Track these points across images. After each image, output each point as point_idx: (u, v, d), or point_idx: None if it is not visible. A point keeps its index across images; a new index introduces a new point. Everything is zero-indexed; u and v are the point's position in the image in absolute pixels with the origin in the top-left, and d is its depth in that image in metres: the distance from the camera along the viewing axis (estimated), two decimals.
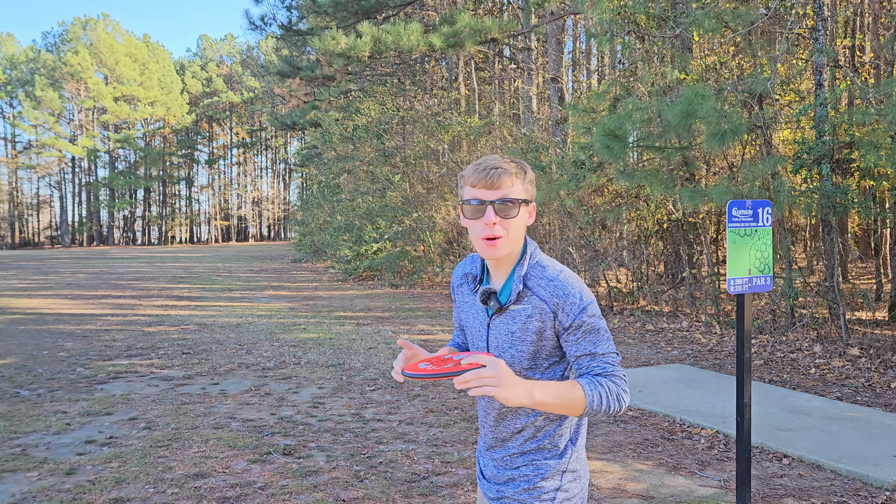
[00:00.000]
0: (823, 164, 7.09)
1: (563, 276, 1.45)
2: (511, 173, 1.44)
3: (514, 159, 1.49)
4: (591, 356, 1.42)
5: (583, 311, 1.41)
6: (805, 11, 7.89)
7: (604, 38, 8.98)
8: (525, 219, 1.49)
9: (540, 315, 1.43)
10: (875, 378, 5.96)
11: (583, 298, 1.42)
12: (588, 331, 1.41)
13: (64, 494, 3.63)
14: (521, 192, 1.46)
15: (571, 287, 1.42)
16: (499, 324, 1.51)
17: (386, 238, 16.26)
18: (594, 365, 1.41)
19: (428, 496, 3.60)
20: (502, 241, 1.44)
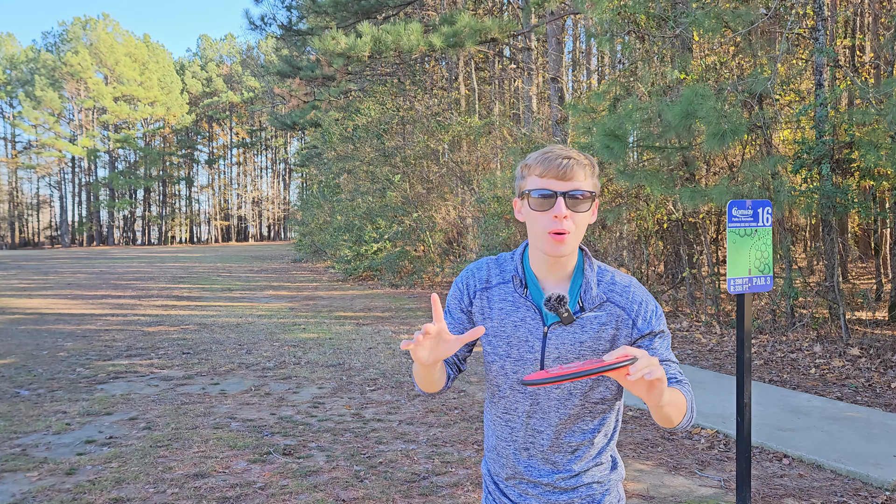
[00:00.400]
0: (823, 164, 7.09)
1: (634, 282, 1.41)
2: (583, 165, 1.35)
3: (581, 153, 1.40)
4: (667, 363, 1.37)
5: (659, 317, 1.39)
6: (805, 11, 7.89)
7: (604, 37, 8.98)
8: (591, 216, 1.39)
9: (616, 323, 1.36)
10: (875, 378, 5.96)
11: (657, 305, 1.41)
12: (663, 337, 1.38)
13: (64, 494, 3.63)
14: (591, 185, 1.36)
15: (646, 294, 1.41)
16: (561, 333, 1.37)
17: (386, 238, 16.26)
18: (668, 371, 1.36)
19: (428, 496, 3.60)
20: (570, 236, 1.33)
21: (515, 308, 1.41)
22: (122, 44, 54.78)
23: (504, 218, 12.26)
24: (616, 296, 1.38)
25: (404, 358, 7.37)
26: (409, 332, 9.18)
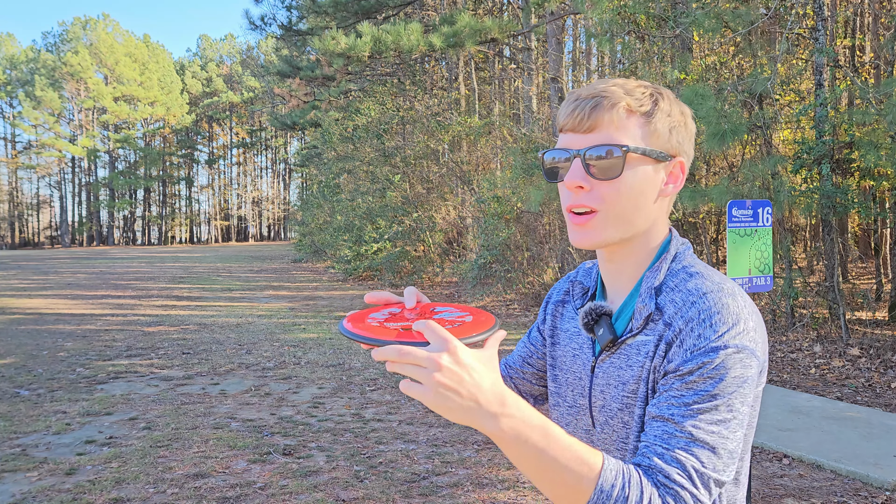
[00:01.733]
0: (823, 164, 7.09)
1: (718, 295, 0.83)
2: (616, 104, 0.87)
3: (646, 83, 0.92)
4: (667, 422, 0.80)
5: (713, 351, 0.80)
6: (805, 11, 7.90)
7: (604, 38, 8.98)
8: (650, 185, 0.89)
9: (655, 345, 0.86)
10: (875, 378, 5.96)
11: (728, 335, 0.80)
12: (697, 383, 0.80)
13: (64, 494, 3.63)
14: (635, 136, 0.88)
15: (722, 312, 0.82)
16: (608, 368, 0.92)
17: (386, 238, 16.26)
18: (659, 440, 0.79)
19: (428, 496, 3.60)
20: (597, 218, 0.89)
21: (577, 331, 1.00)
22: (122, 44, 54.78)
23: (504, 218, 12.26)
24: (670, 304, 0.87)
25: None
26: None
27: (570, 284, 1.07)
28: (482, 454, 4.26)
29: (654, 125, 0.89)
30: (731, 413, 0.79)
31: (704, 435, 0.78)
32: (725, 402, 0.79)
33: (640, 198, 0.89)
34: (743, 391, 0.80)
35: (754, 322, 0.83)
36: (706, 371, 0.80)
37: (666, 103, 0.91)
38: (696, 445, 0.78)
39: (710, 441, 0.78)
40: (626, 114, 0.88)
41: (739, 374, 0.80)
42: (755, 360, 0.82)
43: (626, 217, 0.89)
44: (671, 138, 0.91)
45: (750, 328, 0.82)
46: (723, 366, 0.79)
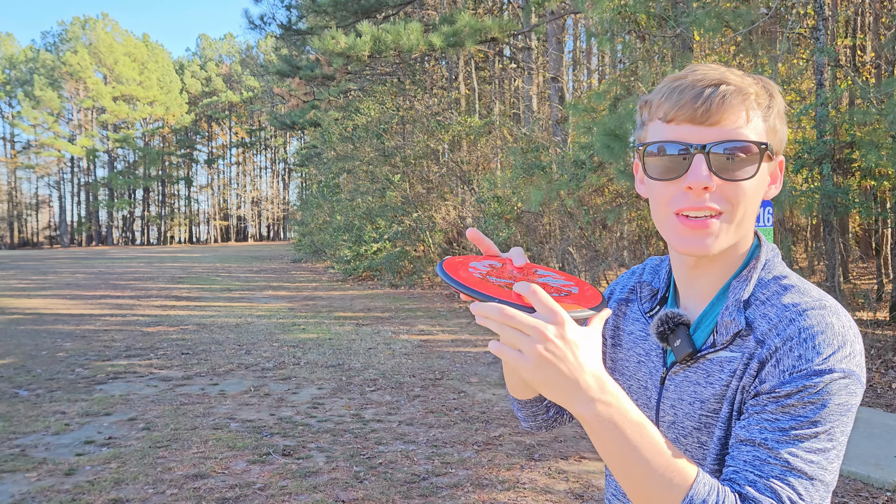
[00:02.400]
0: (824, 164, 7.08)
1: (821, 313, 0.76)
2: (747, 95, 0.79)
3: (750, 73, 0.83)
4: (759, 448, 0.73)
5: (817, 374, 0.72)
6: (806, 11, 7.88)
7: (604, 37, 8.97)
8: (764, 185, 0.82)
9: (745, 364, 0.78)
10: (876, 378, 5.95)
11: (831, 357, 0.73)
12: (796, 408, 0.73)
13: (63, 495, 3.61)
14: (760, 132, 0.80)
15: (826, 332, 0.74)
16: (682, 382, 0.84)
17: (386, 238, 16.25)
18: (751, 466, 0.73)
19: (428, 497, 3.59)
20: (720, 222, 0.79)
21: (644, 335, 0.92)
22: (121, 43, 54.76)
23: (504, 218, 12.25)
24: (762, 319, 0.79)
25: (404, 358, 7.36)
26: (409, 332, 9.17)
27: (636, 283, 0.99)
28: (482, 455, 4.25)
29: (771, 121, 0.81)
30: (832, 443, 0.73)
31: (802, 464, 0.72)
32: (826, 431, 0.72)
33: (757, 199, 0.81)
34: (845, 420, 0.74)
35: (860, 345, 0.76)
36: (807, 395, 0.72)
37: (779, 98, 0.82)
38: (793, 475, 0.71)
39: (808, 471, 0.72)
40: (756, 106, 0.80)
41: (844, 402, 0.73)
42: (860, 388, 0.75)
43: (745, 222, 0.81)
44: (781, 135, 0.83)
45: (857, 352, 0.75)
46: (826, 391, 0.72)
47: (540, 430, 1.06)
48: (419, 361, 7.16)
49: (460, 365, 6.97)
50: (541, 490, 3.71)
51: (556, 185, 9.79)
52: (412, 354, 7.55)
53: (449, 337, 8.72)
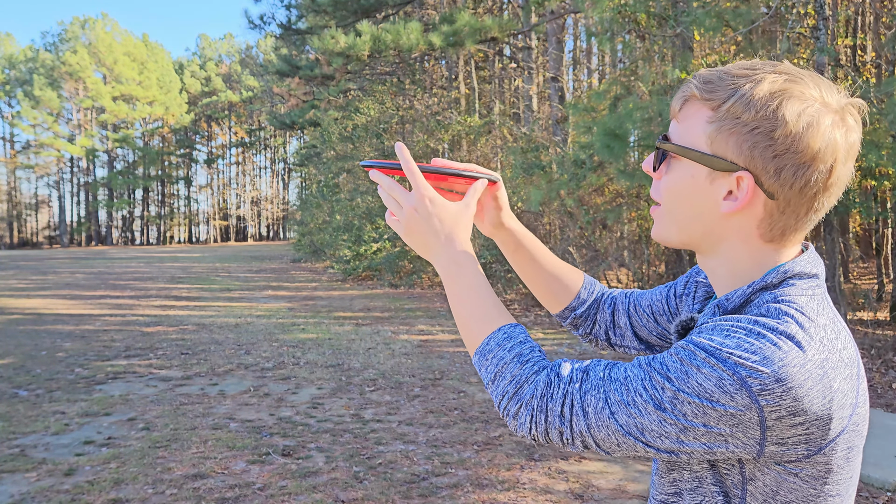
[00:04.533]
0: None
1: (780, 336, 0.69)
2: (688, 94, 0.78)
3: (753, 67, 0.75)
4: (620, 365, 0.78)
5: (700, 349, 0.71)
6: (806, 10, 7.88)
7: (604, 36, 8.96)
8: (698, 191, 0.78)
9: None
10: (876, 378, 5.94)
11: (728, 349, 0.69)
12: (669, 357, 0.73)
13: (63, 495, 3.60)
14: (696, 132, 0.77)
15: (759, 337, 0.69)
16: None
17: (385, 238, 16.24)
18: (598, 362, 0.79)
19: (427, 497, 3.58)
20: (659, 211, 0.84)
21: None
22: (120, 43, 54.74)
23: None
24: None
25: (403, 358, 7.35)
26: (409, 332, 9.16)
27: (695, 280, 0.99)
28: (482, 455, 4.25)
29: (717, 125, 0.75)
30: (676, 415, 0.70)
31: (625, 392, 0.73)
32: (674, 391, 0.70)
33: (688, 202, 0.78)
34: (698, 403, 0.69)
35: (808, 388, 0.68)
36: (681, 353, 0.71)
37: (741, 104, 0.73)
38: (592, 370, 0.77)
39: (614, 397, 0.73)
40: (695, 105, 0.77)
41: (707, 389, 0.69)
42: (740, 391, 0.68)
43: (678, 219, 0.81)
44: (737, 145, 0.74)
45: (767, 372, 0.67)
46: (698, 364, 0.70)
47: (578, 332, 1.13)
48: (419, 361, 7.15)
49: (460, 365, 6.96)
50: (541, 490, 3.71)
51: (556, 184, 9.78)
52: (412, 354, 7.55)
53: (449, 337, 8.71)
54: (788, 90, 0.72)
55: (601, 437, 0.74)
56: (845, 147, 0.73)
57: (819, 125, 0.72)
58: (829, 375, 0.70)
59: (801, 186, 0.73)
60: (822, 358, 0.70)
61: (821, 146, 0.72)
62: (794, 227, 0.76)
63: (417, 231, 0.89)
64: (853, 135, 0.74)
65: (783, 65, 0.76)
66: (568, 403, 0.76)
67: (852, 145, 0.74)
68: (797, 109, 0.71)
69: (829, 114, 0.72)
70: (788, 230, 0.77)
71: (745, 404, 0.68)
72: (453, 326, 9.58)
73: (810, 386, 0.68)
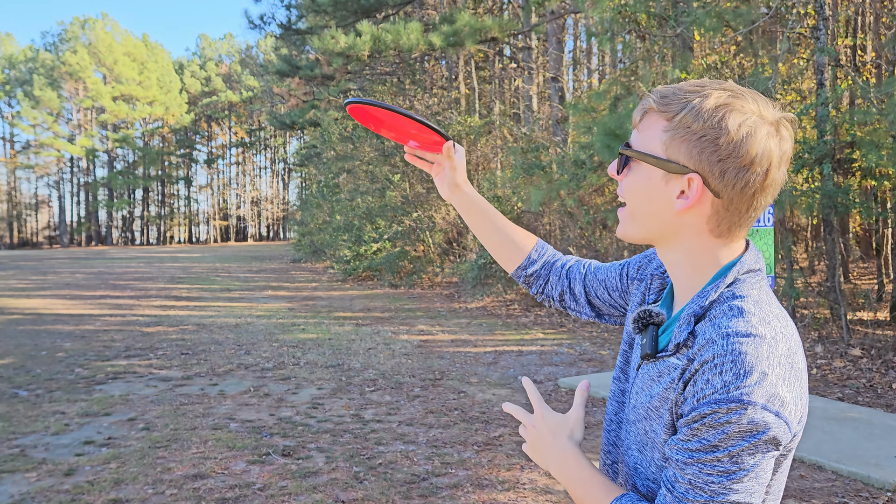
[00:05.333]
0: (825, 164, 7.07)
1: (743, 340, 0.79)
2: (647, 107, 0.89)
3: (702, 84, 0.87)
4: (675, 468, 0.83)
5: (720, 402, 0.78)
6: (806, 11, 7.87)
7: (604, 37, 8.96)
8: (655, 192, 0.88)
9: (678, 379, 0.85)
10: (876, 378, 5.94)
11: (734, 388, 0.77)
12: (702, 430, 0.79)
13: (62, 495, 3.60)
14: (653, 140, 0.87)
15: (743, 360, 0.78)
16: (644, 374, 0.93)
17: (385, 238, 16.24)
18: (667, 482, 0.84)
19: (427, 497, 3.58)
20: (623, 211, 0.94)
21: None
22: (120, 43, 54.73)
23: None
24: (701, 335, 0.84)
25: (403, 358, 7.35)
26: (409, 332, 9.16)
27: (652, 272, 1.08)
28: (482, 455, 4.24)
29: (672, 133, 0.86)
30: (736, 465, 0.78)
31: (702, 484, 0.80)
32: (729, 455, 0.78)
33: (647, 201, 0.89)
34: (753, 444, 0.78)
35: (777, 375, 0.79)
36: (707, 420, 0.79)
37: (691, 115, 0.84)
38: (692, 494, 0.81)
39: (707, 490, 0.80)
40: (653, 117, 0.88)
41: (746, 429, 0.78)
42: (766, 414, 0.77)
43: (639, 217, 0.91)
44: (691, 153, 0.85)
45: (767, 382, 0.78)
46: (725, 419, 0.78)
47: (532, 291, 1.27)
48: (419, 361, 7.15)
49: (460, 365, 6.96)
50: (541, 490, 3.71)
51: (557, 184, 9.78)
52: (412, 354, 7.55)
53: (449, 337, 8.71)
54: (731, 104, 0.83)
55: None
56: (779, 154, 0.84)
57: (756, 134, 0.83)
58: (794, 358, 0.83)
59: (741, 186, 0.84)
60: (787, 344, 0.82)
61: (758, 152, 0.83)
62: (738, 223, 0.87)
63: (537, 443, 1.02)
64: (786, 144, 0.85)
65: (728, 83, 0.87)
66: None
67: (785, 153, 0.85)
68: (738, 121, 0.83)
69: (765, 125, 0.84)
70: (734, 226, 0.87)
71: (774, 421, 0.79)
72: (453, 326, 9.58)
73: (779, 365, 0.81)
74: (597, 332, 8.86)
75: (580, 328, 9.28)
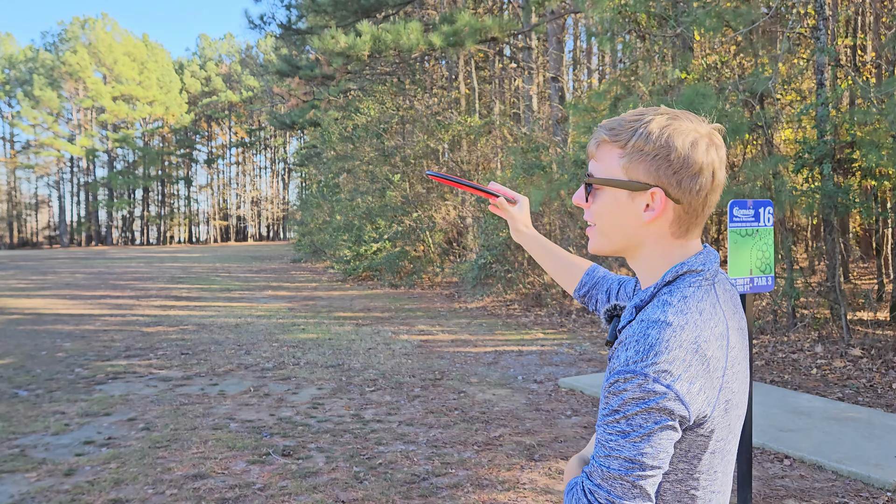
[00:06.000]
0: (825, 164, 7.07)
1: (659, 326, 0.91)
2: (598, 138, 1.03)
3: (642, 112, 1.00)
4: (597, 445, 0.94)
5: (620, 373, 0.91)
6: (806, 11, 7.87)
7: (604, 37, 8.96)
8: (624, 211, 1.01)
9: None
10: (876, 378, 5.94)
11: (632, 362, 0.90)
12: (609, 397, 0.92)
13: (63, 495, 3.60)
14: (610, 166, 1.00)
15: (645, 340, 0.90)
16: (609, 358, 1.04)
17: (385, 238, 16.23)
18: (591, 459, 0.95)
19: (428, 497, 3.58)
20: (594, 231, 1.07)
21: None
22: (120, 43, 54.71)
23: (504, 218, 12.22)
24: (625, 327, 0.98)
25: (404, 359, 7.35)
26: (409, 332, 9.16)
27: (635, 283, 1.26)
28: (482, 455, 4.25)
29: (627, 157, 0.99)
30: (630, 426, 0.89)
31: (603, 440, 0.92)
32: (625, 416, 0.89)
33: (615, 219, 1.02)
34: (645, 412, 0.88)
35: (673, 356, 0.89)
36: (611, 388, 0.92)
37: (641, 140, 0.98)
38: (598, 450, 0.93)
39: (606, 446, 0.91)
40: (607, 147, 1.02)
41: (638, 396, 0.89)
42: (657, 385, 0.88)
43: (608, 234, 1.05)
44: (649, 170, 0.98)
45: (662, 360, 0.89)
46: (623, 387, 0.90)
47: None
48: (419, 361, 7.15)
49: (460, 365, 6.96)
50: (541, 490, 3.71)
51: (556, 184, 9.78)
52: (412, 354, 7.55)
53: (449, 337, 8.71)
54: (672, 125, 0.97)
55: (618, 491, 0.90)
56: (718, 159, 0.99)
57: (699, 146, 0.97)
58: (702, 347, 0.92)
59: (696, 190, 0.98)
60: (695, 333, 0.92)
61: (703, 160, 0.97)
62: (695, 222, 1.01)
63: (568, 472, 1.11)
64: (721, 150, 1.00)
65: (662, 108, 1.01)
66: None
67: (722, 157, 1.00)
68: (681, 138, 0.97)
69: (703, 138, 0.98)
70: (692, 226, 1.01)
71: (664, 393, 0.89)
72: (453, 326, 9.58)
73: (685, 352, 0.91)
74: (597, 332, 8.86)
75: (580, 328, 9.28)
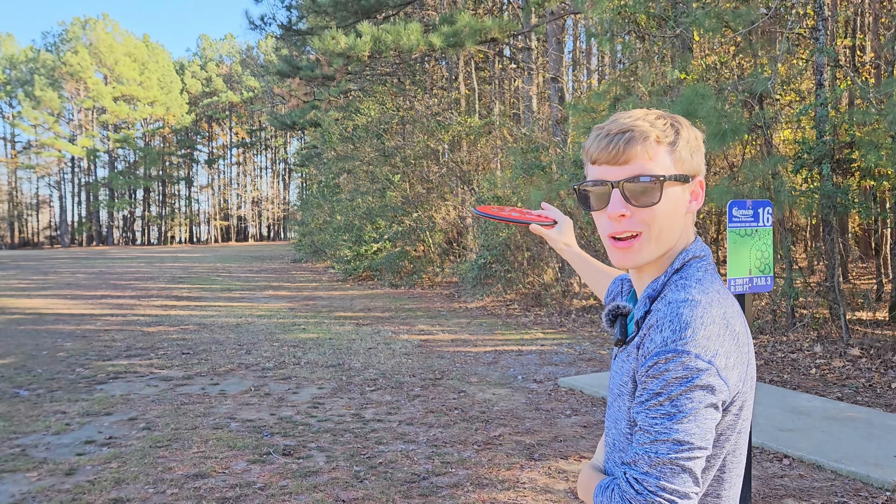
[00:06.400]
0: (824, 164, 7.08)
1: (679, 305, 0.93)
2: (647, 137, 0.99)
3: (663, 113, 1.03)
4: (639, 432, 0.93)
5: (659, 354, 0.91)
6: (805, 11, 7.88)
7: (604, 37, 8.97)
8: (680, 204, 1.01)
9: (636, 349, 1.00)
10: (876, 378, 5.95)
11: (671, 341, 0.90)
12: (648, 381, 0.92)
13: (63, 495, 3.62)
14: (666, 163, 0.99)
15: (679, 319, 0.91)
16: (618, 360, 1.06)
17: (386, 238, 16.25)
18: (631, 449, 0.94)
19: (428, 497, 3.59)
20: (641, 240, 1.00)
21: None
22: (121, 43, 54.73)
23: None
24: (655, 311, 0.98)
25: (404, 358, 7.36)
26: (409, 332, 9.17)
27: (620, 280, 1.30)
28: (482, 454, 4.26)
29: (678, 152, 1.01)
30: (675, 408, 0.89)
31: (646, 425, 0.91)
32: (669, 398, 0.89)
33: (672, 217, 1.01)
34: (689, 390, 0.89)
35: (708, 330, 0.91)
36: (650, 371, 0.91)
37: (685, 131, 1.03)
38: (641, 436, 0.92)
39: (650, 430, 0.90)
40: (656, 145, 1.00)
41: (681, 375, 0.89)
42: (699, 362, 0.89)
43: (663, 237, 1.01)
44: (692, 161, 1.03)
45: (701, 336, 0.90)
46: (664, 368, 0.90)
47: None
48: (419, 361, 7.17)
49: (460, 365, 6.97)
50: (541, 490, 3.72)
51: (556, 185, 9.79)
52: (412, 354, 7.56)
53: (449, 337, 8.73)
54: (682, 121, 1.04)
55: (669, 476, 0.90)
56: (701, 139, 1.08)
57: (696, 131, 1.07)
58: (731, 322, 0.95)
59: (704, 164, 1.07)
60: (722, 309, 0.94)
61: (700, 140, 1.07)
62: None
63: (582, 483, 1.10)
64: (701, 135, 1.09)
65: (653, 110, 1.05)
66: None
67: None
68: (690, 130, 1.05)
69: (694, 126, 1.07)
70: None
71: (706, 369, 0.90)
72: (453, 326, 9.59)
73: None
74: (596, 332, 8.87)
75: (580, 328, 9.29)
